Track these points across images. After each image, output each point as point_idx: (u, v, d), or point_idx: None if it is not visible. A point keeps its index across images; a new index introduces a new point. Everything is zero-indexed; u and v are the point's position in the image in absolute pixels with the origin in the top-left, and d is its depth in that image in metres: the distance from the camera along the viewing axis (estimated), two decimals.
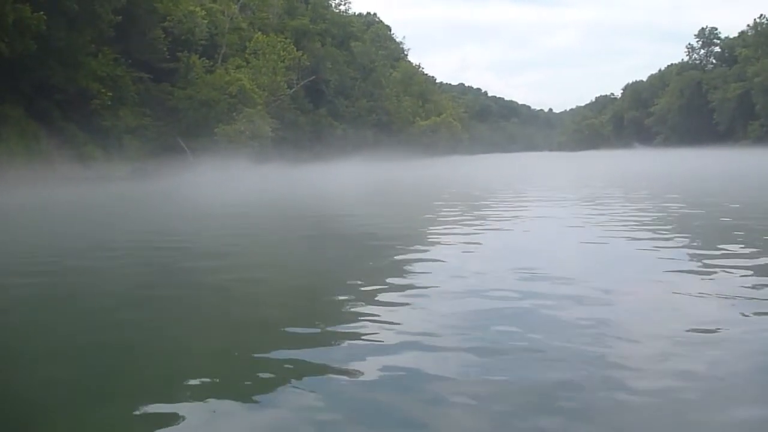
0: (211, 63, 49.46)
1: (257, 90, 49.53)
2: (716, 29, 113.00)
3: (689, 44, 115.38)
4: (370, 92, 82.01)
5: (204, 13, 49.54)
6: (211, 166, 39.45)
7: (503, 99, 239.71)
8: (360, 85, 79.83)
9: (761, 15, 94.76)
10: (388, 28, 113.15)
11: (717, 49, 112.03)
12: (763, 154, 56.10)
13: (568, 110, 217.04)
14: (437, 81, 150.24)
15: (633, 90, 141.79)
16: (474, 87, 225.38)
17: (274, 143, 50.44)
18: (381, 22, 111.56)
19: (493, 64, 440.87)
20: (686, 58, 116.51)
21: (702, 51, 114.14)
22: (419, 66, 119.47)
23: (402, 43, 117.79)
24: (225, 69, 49.78)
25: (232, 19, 55.21)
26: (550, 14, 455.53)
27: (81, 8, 33.50)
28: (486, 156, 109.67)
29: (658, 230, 11.26)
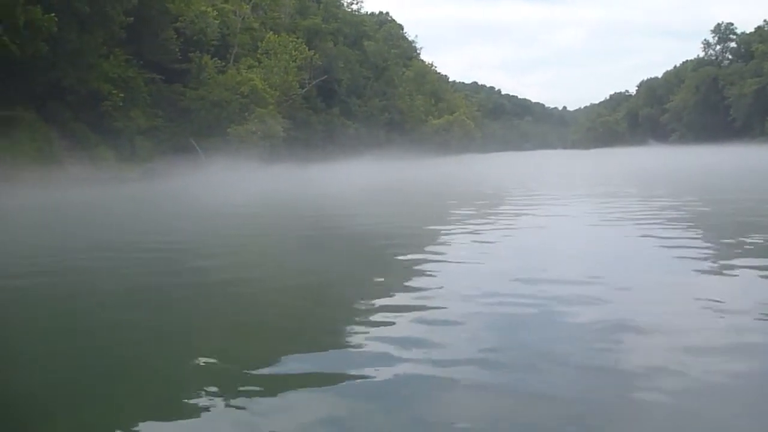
0: (223, 63, 49.39)
1: (269, 90, 49.41)
2: (732, 25, 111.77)
3: (705, 40, 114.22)
4: (383, 91, 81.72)
5: (216, 14, 49.43)
6: (223, 167, 39.39)
7: (516, 97, 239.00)
8: (372, 84, 79.55)
9: None
10: (401, 27, 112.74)
11: (733, 45, 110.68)
12: None
13: (582, 108, 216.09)
14: (450, 80, 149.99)
15: (648, 87, 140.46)
16: (487, 85, 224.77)
17: (287, 143, 50.29)
18: (393, 21, 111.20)
19: (506, 63, 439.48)
20: (702, 54, 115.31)
21: (718, 47, 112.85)
22: (432, 65, 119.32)
23: (414, 42, 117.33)
24: (237, 69, 49.70)
25: (244, 19, 55.13)
26: (563, 11, 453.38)
27: (92, 10, 33.47)
28: (499, 154, 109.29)
29: (678, 229, 10.96)
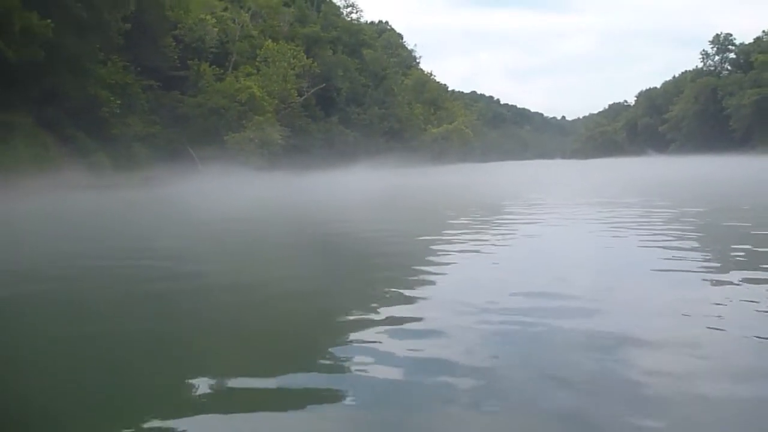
0: (222, 71, 49.37)
1: (267, 98, 49.35)
2: (731, 35, 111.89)
3: (704, 50, 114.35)
4: (382, 100, 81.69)
5: (214, 21, 49.50)
6: (220, 174, 39.28)
7: (516, 106, 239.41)
8: (371, 93, 79.53)
9: None
10: (400, 36, 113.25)
11: (732, 56, 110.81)
12: None
13: (582, 117, 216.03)
14: (449, 88, 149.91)
15: (647, 97, 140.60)
16: (486, 94, 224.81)
17: (285, 151, 50.20)
18: (393, 30, 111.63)
19: (506, 71, 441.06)
20: (701, 65, 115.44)
21: (717, 57, 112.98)
22: (431, 73, 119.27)
23: (414, 51, 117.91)
24: (235, 77, 49.66)
25: (243, 27, 55.12)
26: (562, 21, 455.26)
27: (90, 16, 33.38)
28: (498, 164, 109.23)
29: (681, 239, 10.75)
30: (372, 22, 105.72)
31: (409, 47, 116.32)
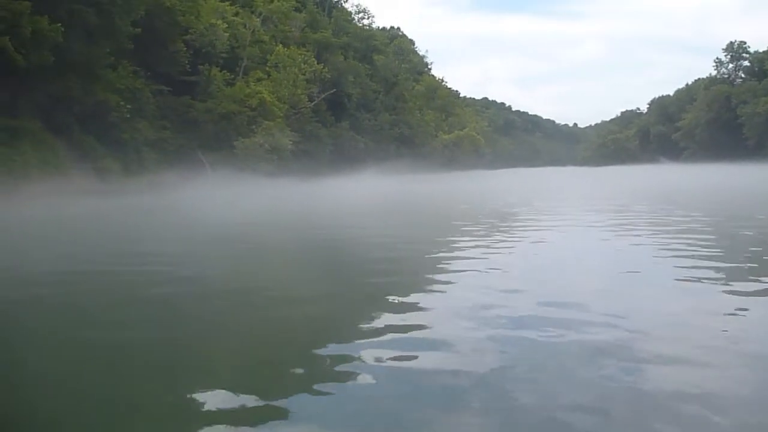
0: (232, 76, 49.34)
1: (277, 103, 49.25)
2: (745, 43, 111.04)
3: (717, 58, 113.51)
4: (393, 106, 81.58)
5: (225, 26, 49.45)
6: (230, 179, 39.20)
7: (527, 113, 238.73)
8: (382, 99, 79.44)
9: None
10: (412, 42, 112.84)
11: (746, 63, 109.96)
12: None
13: (593, 125, 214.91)
14: (460, 95, 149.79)
15: (659, 104, 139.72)
16: (498, 101, 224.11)
17: (295, 156, 50.09)
18: (404, 36, 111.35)
19: (517, 78, 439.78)
20: (714, 72, 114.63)
21: (730, 65, 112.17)
22: (442, 80, 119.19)
23: (425, 57, 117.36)
24: (246, 82, 49.62)
25: (254, 32, 55.11)
26: (574, 27, 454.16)
27: (100, 20, 33.34)
28: (509, 170, 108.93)
29: (695, 248, 10.44)
30: (383, 28, 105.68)
31: (421, 53, 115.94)
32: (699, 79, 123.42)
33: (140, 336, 5.87)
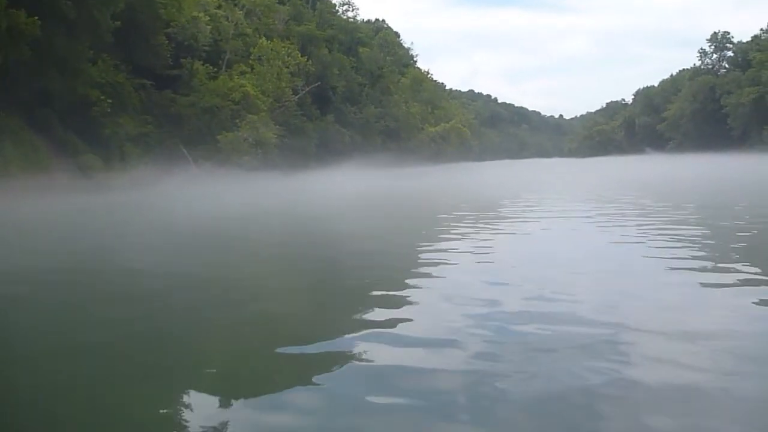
0: (215, 69, 48.77)
1: (261, 96, 48.77)
2: (729, 34, 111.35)
3: (701, 49, 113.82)
4: (378, 99, 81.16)
5: (208, 19, 48.85)
6: (214, 174, 38.80)
7: (513, 105, 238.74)
8: (368, 92, 79.02)
9: None
10: (397, 35, 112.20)
11: (730, 54, 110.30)
12: None
13: (579, 116, 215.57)
14: (447, 87, 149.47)
15: (644, 95, 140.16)
16: (484, 93, 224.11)
17: (280, 150, 49.62)
18: (389, 29, 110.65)
19: (504, 71, 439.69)
20: (699, 63, 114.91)
21: (715, 56, 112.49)
22: (428, 72, 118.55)
23: (410, 49, 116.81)
24: (229, 75, 49.09)
25: (237, 25, 54.49)
26: (560, 21, 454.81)
27: (79, 14, 32.74)
28: (496, 163, 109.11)
29: (683, 239, 10.30)
30: (368, 21, 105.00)
31: (406, 46, 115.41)
32: (683, 70, 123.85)
33: (127, 332, 5.83)
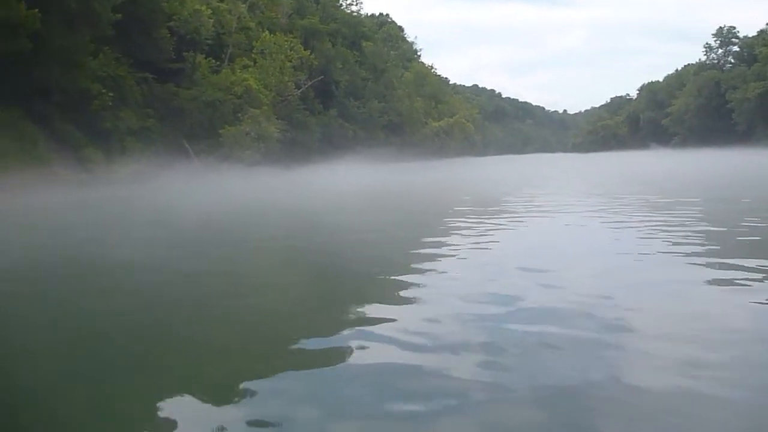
0: (218, 63, 48.57)
1: (264, 90, 48.57)
2: (734, 28, 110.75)
3: (707, 43, 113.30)
4: (382, 93, 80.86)
5: (210, 12, 48.62)
6: (215, 168, 38.66)
7: (517, 100, 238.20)
8: (371, 86, 78.70)
9: None
10: (401, 29, 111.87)
11: (735, 49, 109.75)
12: None
13: (583, 111, 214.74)
14: (451, 82, 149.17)
15: (649, 90, 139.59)
16: (488, 88, 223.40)
17: (283, 145, 49.40)
18: (393, 23, 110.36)
19: (507, 65, 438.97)
20: (704, 58, 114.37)
21: (720, 50, 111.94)
22: (432, 67, 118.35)
23: (414, 44, 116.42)
24: (231, 69, 48.88)
25: (240, 19, 54.25)
26: (564, 14, 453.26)
27: (79, 6, 32.54)
28: (499, 158, 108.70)
29: (691, 234, 10.07)
30: (372, 15, 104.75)
31: (410, 40, 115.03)
32: (688, 65, 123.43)
33: (124, 325, 5.84)
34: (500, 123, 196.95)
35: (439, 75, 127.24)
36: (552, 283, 6.70)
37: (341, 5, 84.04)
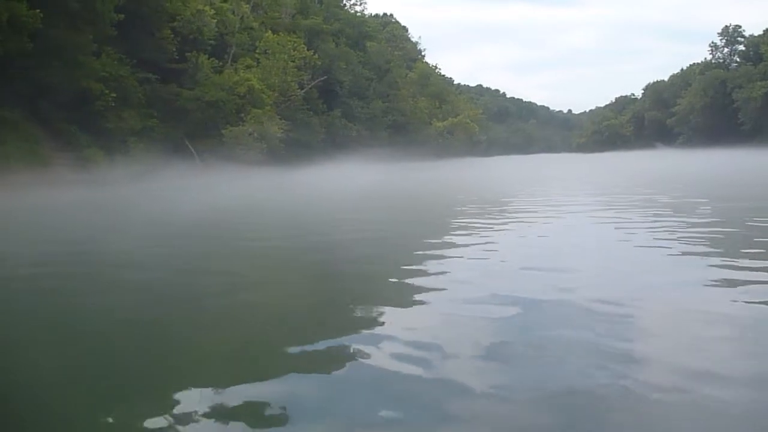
0: (220, 63, 48.44)
1: (267, 90, 48.40)
2: (740, 27, 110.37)
3: (712, 42, 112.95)
4: (385, 93, 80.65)
5: (213, 12, 48.52)
6: (218, 169, 38.49)
7: (521, 100, 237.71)
8: (375, 86, 78.50)
9: None
10: (405, 29, 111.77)
11: (741, 48, 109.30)
12: None
13: (587, 111, 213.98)
14: (454, 82, 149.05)
15: (654, 90, 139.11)
16: (492, 88, 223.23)
17: (286, 144, 49.25)
18: (397, 23, 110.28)
19: (511, 65, 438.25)
20: (709, 57, 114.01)
21: (725, 49, 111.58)
22: (436, 67, 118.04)
23: (418, 44, 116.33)
24: (234, 69, 48.73)
25: (243, 19, 54.15)
26: (568, 14, 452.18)
27: (81, 6, 32.41)
28: (504, 158, 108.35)
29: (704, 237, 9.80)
30: (376, 15, 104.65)
31: (414, 40, 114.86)
32: (694, 64, 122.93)
33: (123, 323, 5.79)
34: (504, 123, 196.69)
35: (443, 75, 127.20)
36: (558, 285, 6.50)
37: (345, 5, 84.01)
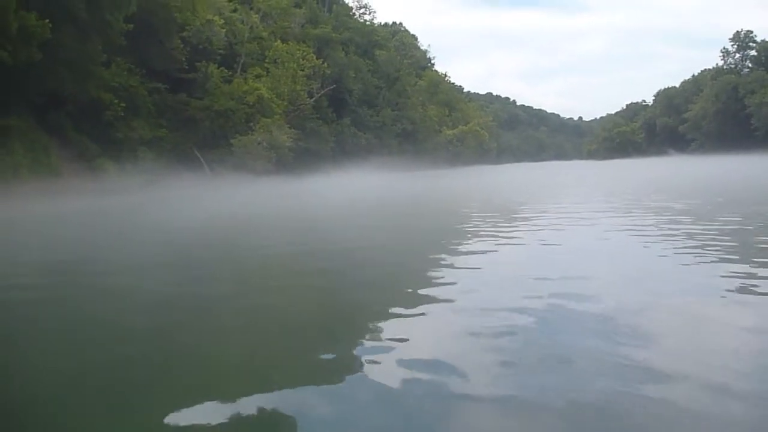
0: (230, 73, 48.44)
1: (276, 99, 48.35)
2: (752, 32, 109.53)
3: (724, 48, 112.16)
4: (395, 101, 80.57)
5: (222, 22, 48.57)
6: (227, 178, 38.40)
7: (532, 107, 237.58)
8: (384, 94, 78.44)
9: None
10: (414, 37, 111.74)
11: (753, 53, 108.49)
12: None
13: (599, 118, 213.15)
14: (465, 90, 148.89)
15: (665, 96, 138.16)
16: (502, 96, 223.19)
17: (296, 153, 49.16)
18: (406, 31, 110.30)
19: (522, 72, 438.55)
20: (721, 63, 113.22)
21: (737, 55, 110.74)
22: (445, 75, 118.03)
23: (428, 52, 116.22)
24: (244, 79, 48.71)
25: (252, 28, 54.20)
26: (578, 21, 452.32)
27: (90, 16, 32.42)
28: (514, 165, 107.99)
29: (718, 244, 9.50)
30: (385, 24, 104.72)
31: (423, 48, 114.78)
32: (705, 70, 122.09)
33: (130, 332, 5.74)
34: (515, 130, 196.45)
35: (453, 83, 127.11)
36: (571, 293, 6.36)
37: (354, 14, 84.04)
